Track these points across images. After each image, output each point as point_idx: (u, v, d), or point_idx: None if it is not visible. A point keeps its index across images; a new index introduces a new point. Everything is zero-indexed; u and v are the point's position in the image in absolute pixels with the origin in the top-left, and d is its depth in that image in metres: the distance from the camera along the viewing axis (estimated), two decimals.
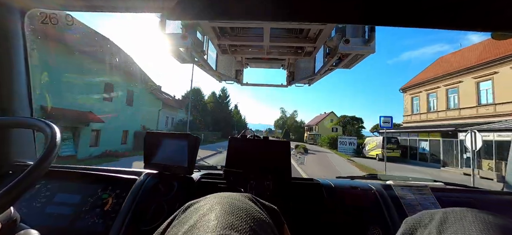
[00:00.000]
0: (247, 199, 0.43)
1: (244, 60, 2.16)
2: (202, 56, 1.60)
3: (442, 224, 0.40)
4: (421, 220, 0.44)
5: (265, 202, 0.46)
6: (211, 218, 0.34)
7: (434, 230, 0.40)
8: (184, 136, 0.96)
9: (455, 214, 0.41)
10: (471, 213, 0.40)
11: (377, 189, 0.95)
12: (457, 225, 0.38)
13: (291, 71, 2.24)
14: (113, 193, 0.88)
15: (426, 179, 1.14)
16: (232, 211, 0.36)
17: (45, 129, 0.60)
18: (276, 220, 0.44)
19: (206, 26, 1.36)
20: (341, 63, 1.58)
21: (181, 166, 0.94)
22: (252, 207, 0.40)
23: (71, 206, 0.84)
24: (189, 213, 0.39)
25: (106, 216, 0.82)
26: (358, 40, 1.29)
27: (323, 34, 1.37)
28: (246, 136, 1.06)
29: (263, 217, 0.39)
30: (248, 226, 0.34)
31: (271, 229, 0.39)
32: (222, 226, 0.32)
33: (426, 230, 0.42)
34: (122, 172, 1.00)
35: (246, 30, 1.55)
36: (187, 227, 0.34)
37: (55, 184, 0.91)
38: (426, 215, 0.45)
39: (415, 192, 0.93)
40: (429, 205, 0.88)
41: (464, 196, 1.01)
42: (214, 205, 0.38)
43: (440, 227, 0.40)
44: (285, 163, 0.97)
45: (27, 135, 1.05)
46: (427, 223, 0.43)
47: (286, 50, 1.80)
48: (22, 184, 0.49)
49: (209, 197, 0.43)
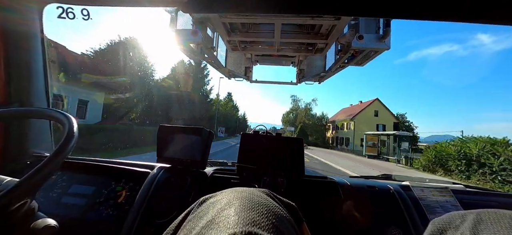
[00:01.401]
0: (265, 195, 0.41)
1: (254, 57, 2.14)
2: (212, 52, 1.60)
3: (476, 225, 0.37)
4: (451, 221, 0.42)
5: (283, 198, 0.44)
6: (230, 214, 0.33)
7: (467, 232, 0.37)
8: (197, 131, 0.95)
9: (490, 215, 0.38)
10: (509, 214, 0.37)
11: (396, 190, 0.92)
12: (493, 227, 0.36)
13: (301, 68, 2.22)
14: (127, 186, 0.88)
15: (444, 181, 1.10)
16: (252, 207, 0.35)
17: (63, 120, 0.60)
18: (295, 216, 0.42)
19: (217, 22, 1.35)
20: (354, 60, 1.54)
21: (194, 161, 0.94)
22: (271, 203, 0.38)
23: (86, 197, 0.85)
24: (206, 207, 0.38)
25: (120, 208, 0.82)
26: (372, 36, 1.26)
27: (335, 30, 1.34)
28: (258, 133, 1.04)
29: (283, 214, 0.38)
30: (270, 223, 0.32)
31: (292, 226, 0.38)
32: (243, 223, 0.30)
33: (458, 231, 0.39)
34: (135, 165, 1.00)
35: (257, 26, 1.54)
36: (205, 222, 0.33)
37: (70, 175, 0.93)
38: (457, 216, 0.42)
39: (435, 194, 0.89)
40: (450, 207, 0.84)
41: (485, 199, 0.97)
42: (232, 199, 0.37)
43: (474, 228, 0.37)
44: (298, 160, 0.95)
45: (44, 126, 1.07)
46: (458, 225, 0.40)
47: (296, 47, 1.77)
48: (41, 174, 0.49)
49: (225, 191, 0.42)
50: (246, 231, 0.28)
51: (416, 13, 0.62)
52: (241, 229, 0.29)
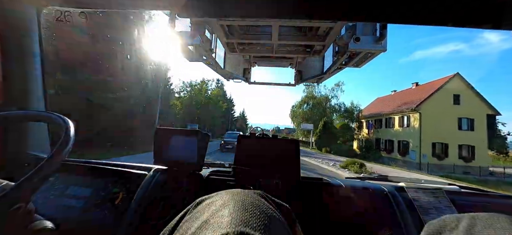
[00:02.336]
0: (259, 196, 0.42)
1: (252, 59, 2.15)
2: (210, 54, 1.61)
3: (470, 229, 0.38)
4: (446, 224, 0.42)
5: (277, 200, 0.45)
6: (224, 214, 0.34)
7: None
8: (193, 133, 0.96)
9: (485, 219, 0.38)
10: (503, 218, 0.37)
11: (390, 191, 0.93)
12: (488, 231, 0.36)
13: (299, 70, 2.22)
14: (124, 188, 0.89)
15: (440, 182, 1.10)
16: (245, 208, 0.36)
17: (60, 123, 0.61)
18: (288, 218, 0.43)
19: (215, 24, 1.36)
20: (351, 62, 1.55)
21: (191, 163, 0.94)
22: (265, 204, 0.39)
23: (83, 199, 0.86)
24: (201, 209, 0.39)
25: (117, 210, 0.83)
26: (368, 38, 1.26)
27: (332, 32, 1.34)
28: (255, 134, 1.05)
29: (276, 215, 0.39)
30: (262, 223, 0.33)
31: (284, 227, 0.39)
32: (236, 223, 0.31)
33: (453, 234, 0.40)
34: (132, 167, 1.01)
35: (255, 28, 1.55)
36: (200, 223, 0.34)
37: (68, 177, 0.94)
38: (451, 219, 0.43)
39: (429, 195, 0.90)
40: (443, 208, 0.85)
41: (481, 200, 0.97)
42: (227, 201, 0.38)
43: (468, 232, 0.38)
44: (294, 162, 0.96)
45: (41, 129, 1.08)
46: (453, 228, 0.41)
47: (294, 48, 1.78)
48: (39, 176, 0.50)
49: (221, 193, 0.43)
50: (238, 231, 0.29)
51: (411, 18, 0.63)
52: (233, 229, 0.30)
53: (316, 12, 0.70)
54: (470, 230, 0.38)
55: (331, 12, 0.69)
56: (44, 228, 0.59)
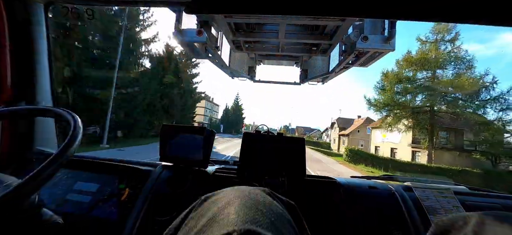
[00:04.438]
0: (265, 194, 0.42)
1: (257, 57, 2.14)
2: (216, 52, 1.60)
3: (479, 227, 0.37)
4: (454, 223, 0.42)
5: (283, 197, 0.44)
6: (231, 212, 0.33)
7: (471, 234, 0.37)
8: (199, 130, 0.96)
9: (493, 217, 0.38)
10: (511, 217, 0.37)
11: (397, 190, 0.92)
12: (496, 229, 0.35)
13: (304, 68, 2.21)
14: (130, 184, 0.89)
15: (447, 182, 1.09)
16: (251, 205, 0.35)
17: (68, 119, 0.61)
18: (294, 215, 0.42)
19: (222, 22, 1.35)
20: (358, 61, 1.54)
21: (196, 159, 0.94)
22: (271, 202, 0.39)
23: (90, 195, 0.86)
24: (207, 206, 0.39)
25: (123, 206, 0.83)
26: (377, 37, 1.25)
27: (340, 30, 1.33)
28: (260, 132, 1.05)
29: (283, 212, 0.38)
30: (269, 221, 0.33)
31: (291, 225, 0.38)
32: (242, 220, 0.31)
33: (461, 233, 0.39)
34: (138, 163, 1.01)
35: (261, 26, 1.54)
36: (206, 220, 0.34)
37: (75, 172, 0.94)
38: (459, 218, 0.42)
39: (437, 195, 0.89)
40: (451, 208, 0.84)
41: (489, 201, 0.96)
42: (233, 198, 0.38)
43: (477, 231, 0.37)
44: (300, 160, 0.95)
45: (48, 124, 1.09)
46: (461, 226, 0.40)
47: (300, 47, 1.77)
48: (47, 172, 0.50)
49: (227, 190, 0.42)
50: (245, 228, 0.29)
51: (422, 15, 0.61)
52: (240, 227, 0.29)
53: (325, 9, 0.69)
54: (479, 229, 0.37)
55: (341, 8, 0.68)
56: (52, 222, 0.59)
